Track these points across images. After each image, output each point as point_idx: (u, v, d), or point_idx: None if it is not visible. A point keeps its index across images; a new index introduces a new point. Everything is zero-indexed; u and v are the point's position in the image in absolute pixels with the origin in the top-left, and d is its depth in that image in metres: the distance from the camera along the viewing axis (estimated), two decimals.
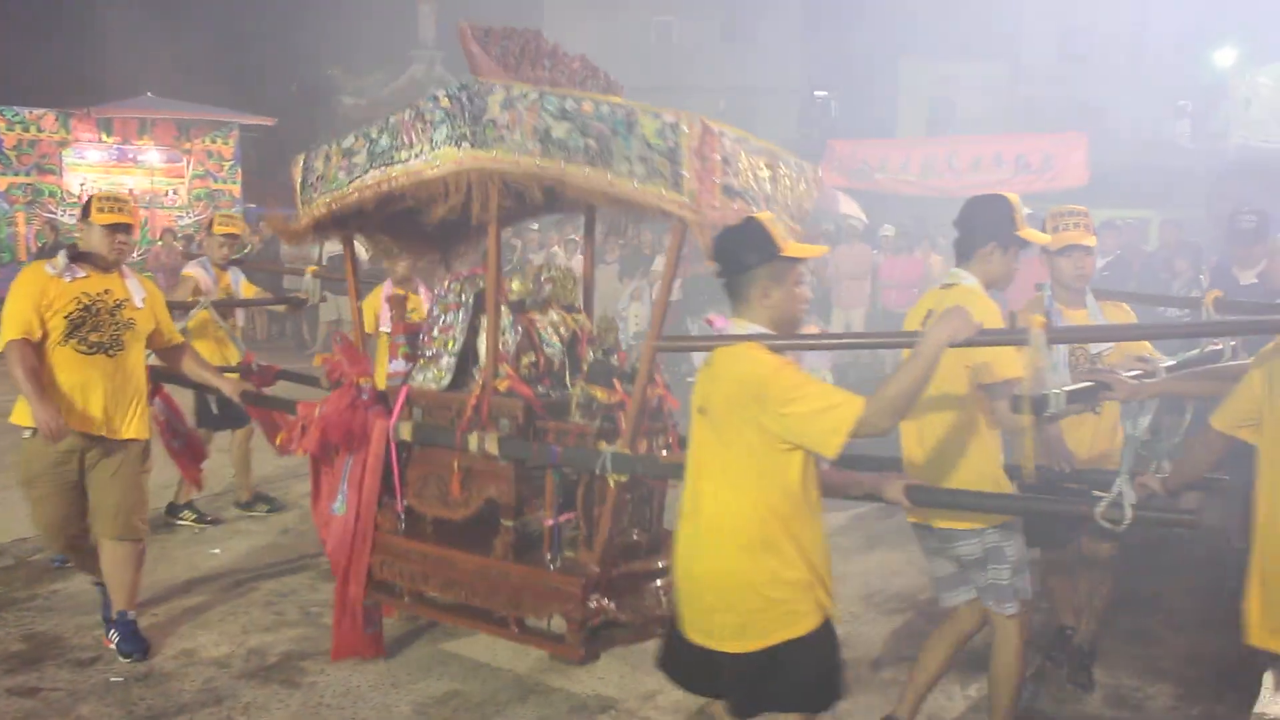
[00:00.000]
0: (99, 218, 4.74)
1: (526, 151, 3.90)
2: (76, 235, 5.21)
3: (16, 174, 16.24)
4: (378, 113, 18.02)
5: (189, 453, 5.81)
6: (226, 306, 6.78)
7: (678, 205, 3.58)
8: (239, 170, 17.97)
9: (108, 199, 4.91)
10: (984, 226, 3.74)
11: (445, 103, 4.13)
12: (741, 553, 2.98)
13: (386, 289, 6.65)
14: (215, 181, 17.44)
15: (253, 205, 18.34)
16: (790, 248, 3.06)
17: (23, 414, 4.62)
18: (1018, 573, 3.67)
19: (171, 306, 5.56)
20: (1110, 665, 4.81)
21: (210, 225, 7.16)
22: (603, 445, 3.97)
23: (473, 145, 4.04)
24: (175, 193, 16.87)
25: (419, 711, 4.29)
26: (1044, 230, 4.04)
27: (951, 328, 2.95)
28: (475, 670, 4.66)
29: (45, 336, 4.60)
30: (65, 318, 4.61)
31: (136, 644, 4.80)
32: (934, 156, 17.03)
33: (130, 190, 16.33)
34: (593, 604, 3.98)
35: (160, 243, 15.63)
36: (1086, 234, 4.23)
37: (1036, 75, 25.77)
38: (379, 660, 4.71)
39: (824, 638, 3.08)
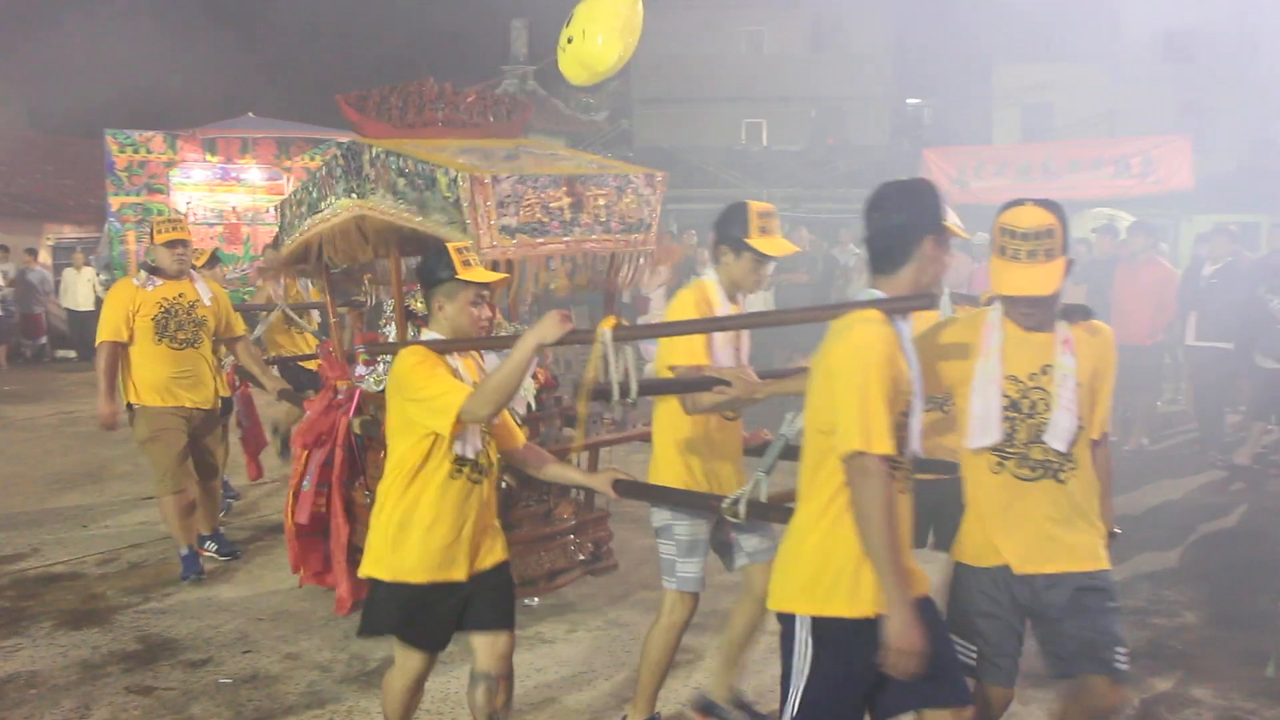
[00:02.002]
0: (160, 237, 6.09)
1: (385, 200, 4.68)
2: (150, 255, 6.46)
3: (128, 194, 16.83)
4: None
5: (253, 441, 7.22)
6: (299, 310, 7.79)
7: (463, 242, 3.95)
8: None
9: (165, 221, 6.32)
10: (719, 231, 4.05)
11: (341, 161, 4.94)
12: None
13: None
14: None
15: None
16: (467, 273, 3.55)
17: (129, 390, 6.02)
18: (683, 556, 4.04)
19: (249, 309, 7.33)
20: (1223, 686, 4.66)
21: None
22: None
23: (359, 196, 4.85)
24: (276, 209, 17.27)
25: (516, 717, 4.32)
26: None
27: (540, 331, 3.27)
28: (573, 678, 4.69)
29: (133, 339, 5.94)
30: (151, 319, 5.97)
31: (226, 545, 6.46)
32: (1030, 162, 16.73)
33: (233, 208, 16.84)
34: None
35: (263, 257, 16.04)
36: None
37: (1138, 77, 25.11)
38: None
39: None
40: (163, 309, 6.00)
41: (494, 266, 4.22)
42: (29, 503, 7.96)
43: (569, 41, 6.35)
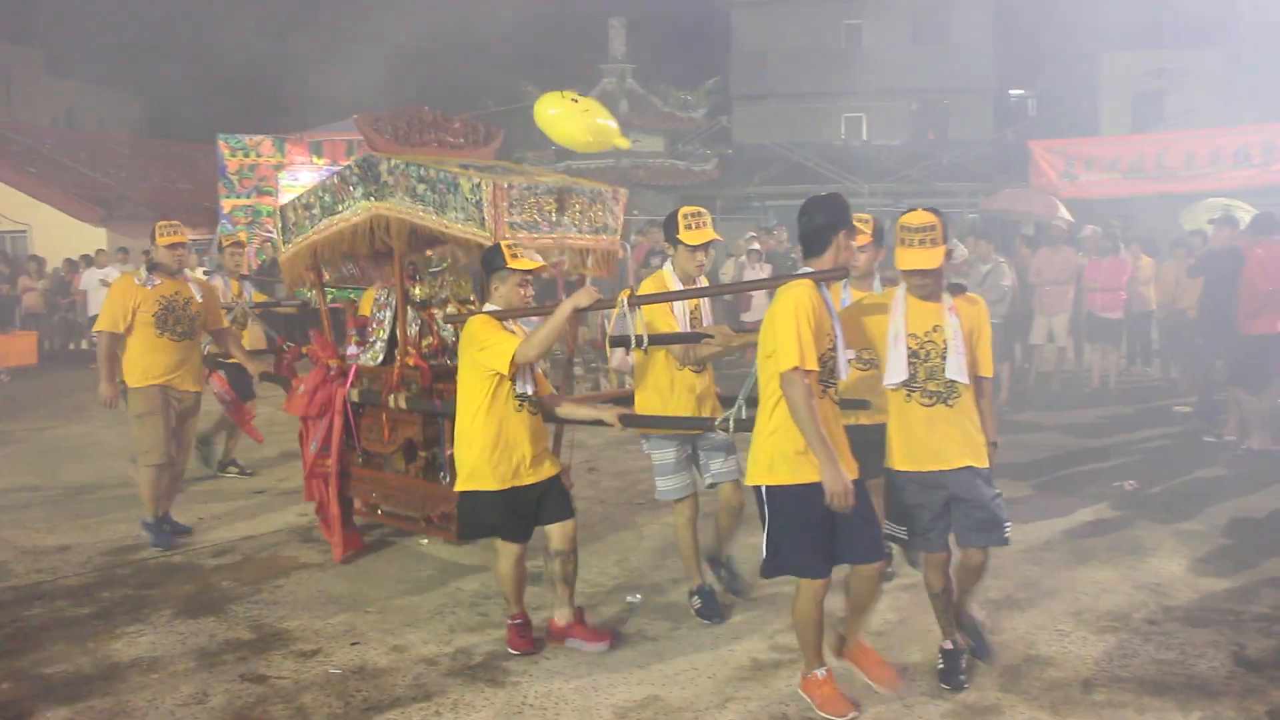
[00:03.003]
0: (161, 240, 6.87)
1: (404, 202, 5.73)
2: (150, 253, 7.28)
3: (239, 197, 17.35)
4: None
5: (239, 413, 8.23)
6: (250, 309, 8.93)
7: (484, 237, 5.38)
8: None
9: (165, 225, 6.97)
10: (664, 234, 5.39)
11: (357, 171, 6.01)
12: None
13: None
14: None
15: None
16: (516, 263, 4.88)
17: (129, 375, 6.78)
18: (660, 475, 5.33)
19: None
20: None
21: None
22: None
23: (376, 199, 5.89)
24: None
25: (619, 715, 4.33)
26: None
27: (576, 298, 4.71)
28: (675, 676, 4.68)
29: (132, 330, 6.72)
30: (152, 315, 6.74)
31: (179, 528, 7.09)
32: (1143, 154, 16.18)
33: None
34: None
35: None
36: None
37: (1259, 62, 24.10)
38: (579, 665, 4.82)
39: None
40: (162, 305, 6.79)
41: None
42: None
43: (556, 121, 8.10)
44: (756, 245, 15.69)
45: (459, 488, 4.92)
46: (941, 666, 4.60)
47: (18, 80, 41.90)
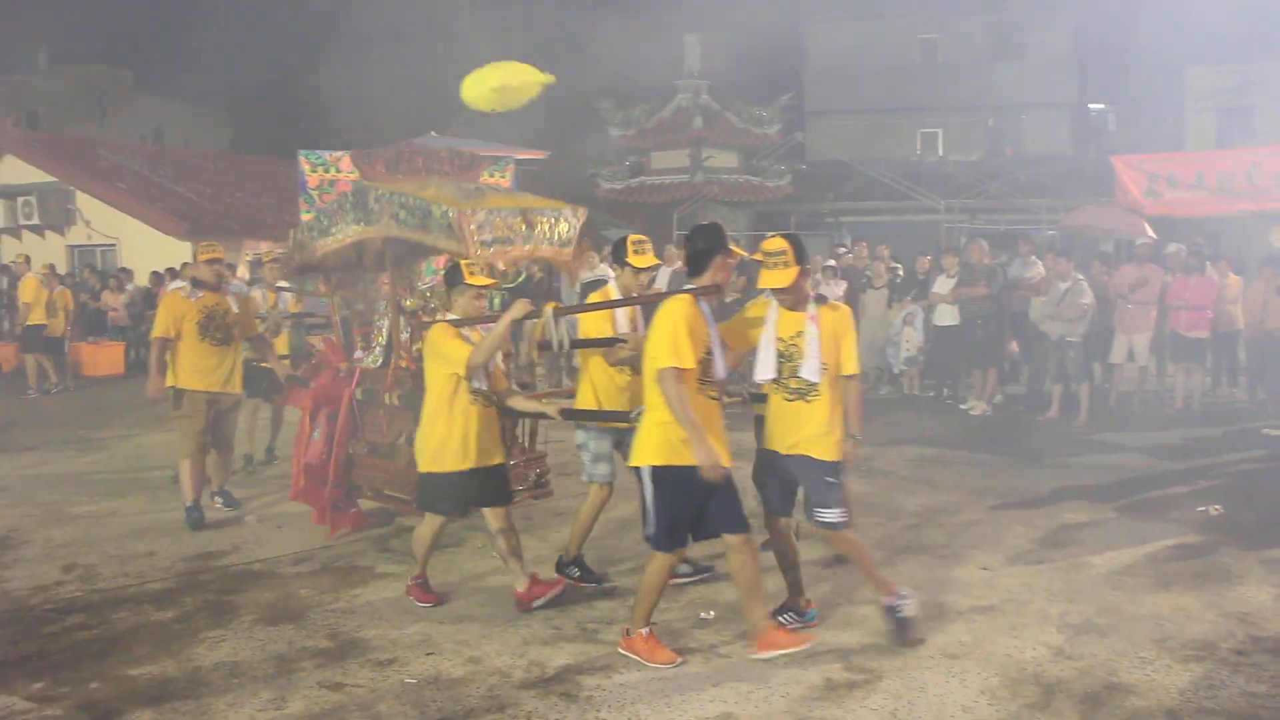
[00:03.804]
0: (202, 257, 7.95)
1: (388, 225, 6.65)
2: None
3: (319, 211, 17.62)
4: (646, 143, 18.56)
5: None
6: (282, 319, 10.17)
7: (461, 251, 6.18)
8: None
9: (205, 245, 8.04)
10: (614, 255, 6.16)
11: (351, 199, 6.95)
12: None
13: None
14: None
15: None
16: (472, 279, 5.82)
17: (179, 376, 7.74)
18: (592, 463, 6.13)
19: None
20: None
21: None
22: None
23: (365, 224, 6.82)
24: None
25: None
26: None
27: (512, 311, 5.55)
28: (749, 694, 4.66)
29: (180, 336, 7.67)
30: (195, 323, 7.72)
31: (233, 502, 8.18)
32: (1232, 170, 15.71)
33: None
34: None
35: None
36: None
37: None
38: (652, 679, 4.82)
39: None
40: (205, 314, 7.77)
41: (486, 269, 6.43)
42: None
43: (473, 76, 8.35)
44: (832, 261, 15.58)
45: (422, 469, 5.80)
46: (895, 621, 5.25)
47: (109, 99, 43.23)
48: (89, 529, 7.69)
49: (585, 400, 6.08)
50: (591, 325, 6.04)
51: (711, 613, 5.69)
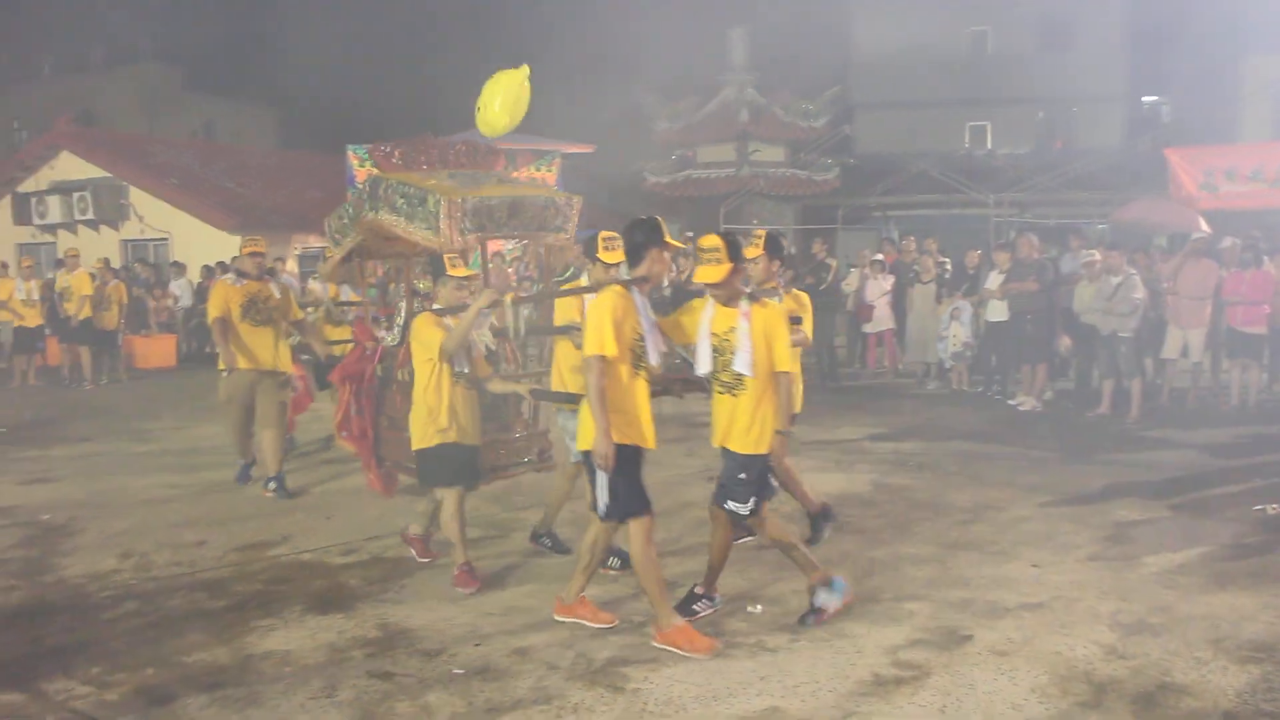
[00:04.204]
0: (244, 250, 8.77)
1: (388, 215, 6.82)
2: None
3: None
4: (693, 137, 18.58)
5: (297, 400, 9.52)
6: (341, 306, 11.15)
7: (438, 244, 6.49)
8: None
9: (248, 240, 8.81)
10: (585, 251, 6.38)
11: (367, 190, 7.10)
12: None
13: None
14: None
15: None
16: (454, 271, 6.35)
17: (230, 359, 8.51)
18: (571, 440, 6.08)
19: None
20: None
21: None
22: None
23: (376, 212, 6.93)
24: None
25: None
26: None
27: (479, 301, 5.97)
28: (795, 689, 4.64)
29: (229, 314, 8.52)
30: (239, 305, 8.57)
31: (284, 490, 8.52)
32: None
33: None
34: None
35: (491, 265, 16.63)
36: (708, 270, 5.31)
37: None
38: (699, 673, 4.82)
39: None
40: (248, 298, 8.61)
41: (464, 255, 6.72)
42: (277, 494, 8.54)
43: (478, 110, 8.97)
44: (880, 256, 15.49)
45: (414, 448, 6.26)
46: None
47: (160, 96, 43.85)
48: (143, 518, 7.81)
49: (555, 383, 6.49)
50: (561, 314, 6.52)
51: (759, 607, 5.68)
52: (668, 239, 5.29)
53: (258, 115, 48.72)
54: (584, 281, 6.57)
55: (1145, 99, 34.01)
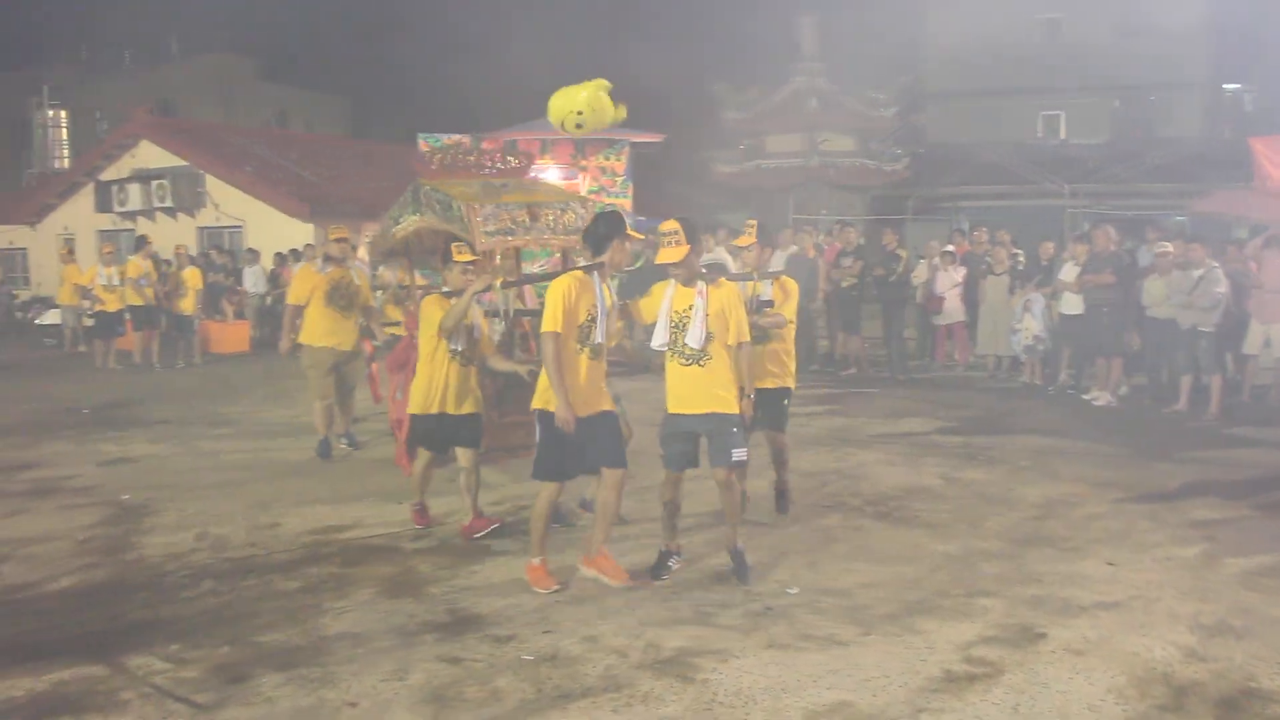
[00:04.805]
0: (331, 237, 9.63)
1: (432, 216, 7.86)
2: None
3: None
4: (762, 126, 18.50)
5: (374, 380, 10.40)
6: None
7: (468, 237, 7.35)
8: (630, 185, 18.83)
9: (334, 227, 9.74)
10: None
11: (410, 194, 8.11)
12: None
13: None
14: (608, 196, 18.37)
15: (642, 218, 19.18)
16: (459, 256, 7.07)
17: (308, 335, 9.40)
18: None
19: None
20: None
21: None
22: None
23: (419, 214, 7.98)
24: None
25: (809, 719, 4.29)
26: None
27: (474, 286, 6.75)
28: (866, 683, 4.60)
29: (310, 303, 9.31)
30: (324, 292, 9.30)
31: (356, 443, 9.82)
32: None
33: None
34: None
35: (558, 254, 16.71)
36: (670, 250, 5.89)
37: None
38: (769, 665, 4.80)
39: None
40: (333, 285, 9.35)
41: (484, 253, 7.57)
42: (353, 478, 8.68)
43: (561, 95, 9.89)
44: (950, 247, 15.27)
45: (409, 411, 7.18)
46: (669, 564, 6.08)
47: (235, 86, 44.65)
48: (219, 500, 7.97)
49: None
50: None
51: (795, 589, 5.74)
52: (629, 231, 6.05)
53: (329, 104, 49.44)
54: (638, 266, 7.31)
55: (1226, 86, 33.11)
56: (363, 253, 19.91)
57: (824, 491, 8.02)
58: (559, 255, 8.76)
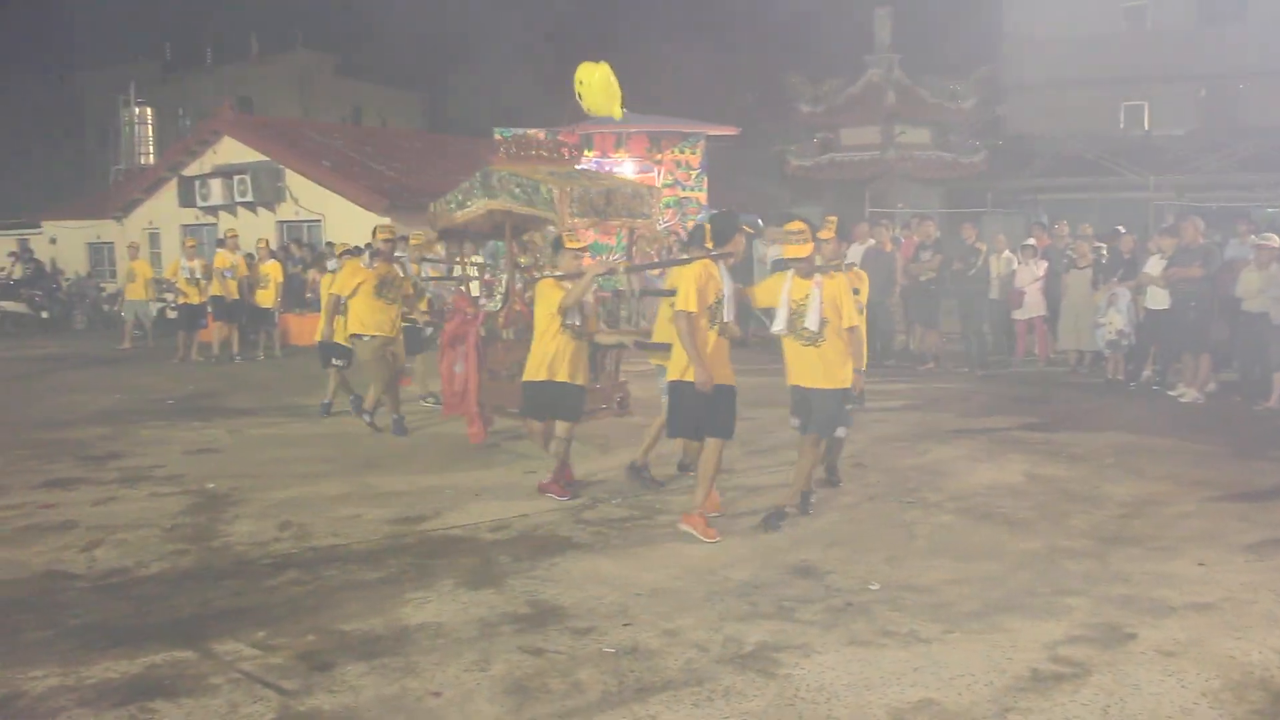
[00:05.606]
0: (377, 237, 10.62)
1: (505, 200, 8.92)
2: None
3: None
4: (836, 119, 18.32)
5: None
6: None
7: (555, 221, 8.46)
8: (705, 178, 18.81)
9: (381, 227, 10.97)
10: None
11: (479, 180, 9.14)
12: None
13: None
14: (683, 189, 18.40)
15: (716, 211, 19.13)
16: (571, 244, 7.93)
17: (357, 326, 10.24)
18: (664, 394, 7.41)
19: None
20: None
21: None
22: None
23: (489, 198, 9.05)
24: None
25: (893, 716, 4.23)
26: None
27: (594, 268, 7.78)
28: (951, 681, 4.53)
29: (357, 295, 10.15)
30: (373, 286, 10.15)
31: (403, 430, 10.44)
32: None
33: None
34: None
35: (635, 247, 16.72)
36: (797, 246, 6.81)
37: None
38: (852, 661, 4.76)
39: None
40: (380, 279, 10.25)
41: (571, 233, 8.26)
42: (431, 470, 8.76)
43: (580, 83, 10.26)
44: (1031, 241, 15.01)
45: (524, 379, 7.83)
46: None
47: (314, 82, 45.37)
48: (301, 490, 8.10)
49: (658, 335, 7.86)
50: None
51: (876, 585, 5.70)
52: (744, 227, 6.99)
53: (403, 99, 50.00)
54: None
55: None
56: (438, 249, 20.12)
57: (905, 488, 7.93)
58: (627, 234, 10.06)
